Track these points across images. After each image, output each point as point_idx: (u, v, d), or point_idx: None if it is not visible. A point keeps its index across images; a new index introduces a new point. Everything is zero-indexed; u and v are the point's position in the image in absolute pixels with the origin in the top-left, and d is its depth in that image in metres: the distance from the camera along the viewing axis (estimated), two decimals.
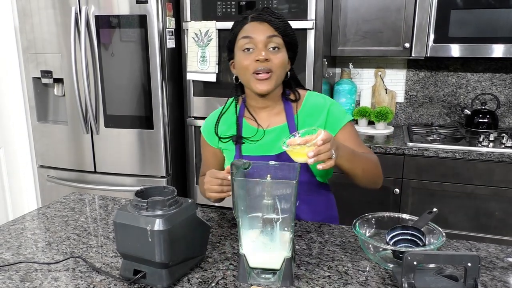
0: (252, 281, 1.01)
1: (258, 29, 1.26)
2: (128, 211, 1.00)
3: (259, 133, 1.37)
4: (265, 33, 1.25)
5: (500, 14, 2.24)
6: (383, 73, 2.87)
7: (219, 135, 1.41)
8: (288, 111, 1.36)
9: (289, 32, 1.29)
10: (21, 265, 1.11)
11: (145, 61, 2.43)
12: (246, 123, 1.40)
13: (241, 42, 1.27)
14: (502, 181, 2.18)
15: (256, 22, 1.27)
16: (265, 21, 1.26)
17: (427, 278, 0.95)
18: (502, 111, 2.70)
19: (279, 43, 1.27)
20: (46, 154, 2.77)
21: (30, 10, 2.56)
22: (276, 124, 1.36)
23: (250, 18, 1.28)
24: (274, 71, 1.26)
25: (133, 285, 1.01)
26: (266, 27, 1.26)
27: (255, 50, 1.26)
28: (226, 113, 1.43)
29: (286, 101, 1.38)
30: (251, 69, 1.26)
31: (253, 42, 1.26)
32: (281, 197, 0.98)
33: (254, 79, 1.27)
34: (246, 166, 1.08)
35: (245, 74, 1.29)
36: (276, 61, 1.26)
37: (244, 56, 1.27)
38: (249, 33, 1.26)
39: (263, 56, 1.24)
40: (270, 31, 1.26)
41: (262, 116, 1.38)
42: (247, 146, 1.37)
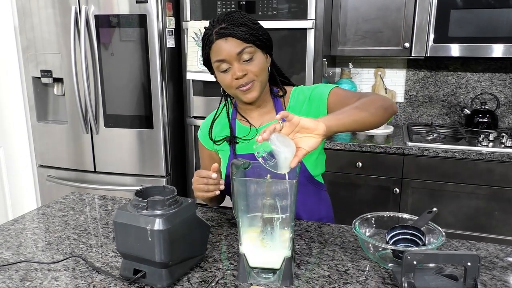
0: (252, 281, 1.02)
1: (226, 48, 1.23)
2: (128, 210, 1.00)
3: (252, 132, 1.39)
4: (234, 50, 1.23)
5: (500, 14, 2.24)
6: (383, 73, 2.87)
7: (213, 138, 1.44)
8: (278, 107, 1.39)
9: (256, 34, 1.26)
10: (21, 265, 1.11)
11: (145, 61, 2.43)
12: (239, 124, 1.42)
13: (216, 65, 1.28)
14: (502, 181, 2.18)
15: (221, 41, 1.24)
16: (229, 36, 1.23)
17: (427, 278, 0.95)
18: (501, 110, 2.70)
19: (251, 51, 1.25)
20: (46, 153, 2.77)
21: (30, 9, 2.56)
22: (268, 121, 1.38)
23: (214, 36, 1.24)
24: (255, 78, 1.27)
25: (133, 284, 1.01)
26: (232, 43, 1.23)
27: (231, 69, 1.26)
28: (219, 118, 1.46)
29: (275, 98, 1.40)
30: (234, 86, 1.28)
31: (226, 62, 1.25)
32: (281, 196, 0.98)
33: (240, 91, 1.28)
34: (246, 165, 1.08)
35: (230, 90, 1.31)
36: (254, 69, 1.26)
37: (223, 76, 1.28)
38: (219, 55, 1.25)
39: (241, 73, 1.24)
40: (238, 45, 1.23)
41: (253, 116, 1.40)
42: (241, 145, 1.39)
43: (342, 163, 2.40)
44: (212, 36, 1.25)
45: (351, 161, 2.39)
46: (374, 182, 2.38)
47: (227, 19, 1.24)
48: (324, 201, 1.48)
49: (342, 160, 2.38)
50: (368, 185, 2.39)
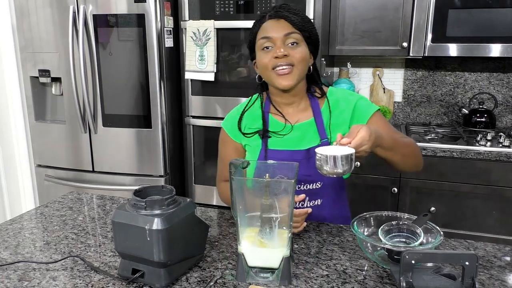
0: (250, 280, 1.02)
1: (275, 27, 1.26)
2: (127, 210, 1.00)
3: (287, 128, 1.36)
4: (282, 30, 1.25)
5: (498, 14, 2.25)
6: (381, 73, 2.88)
7: (242, 130, 1.40)
8: (315, 107, 1.36)
9: (307, 27, 1.28)
10: (19, 265, 1.11)
11: (143, 60, 2.43)
12: (273, 118, 1.38)
13: (260, 42, 1.28)
14: (500, 180, 2.18)
15: (273, 20, 1.27)
16: (282, 18, 1.26)
17: (425, 277, 0.95)
18: (499, 110, 2.71)
19: (297, 38, 1.26)
20: (44, 153, 2.77)
21: (28, 9, 2.55)
22: (303, 120, 1.36)
23: (267, 17, 1.28)
24: (295, 65, 1.26)
25: (131, 284, 1.01)
26: (283, 24, 1.26)
27: (274, 48, 1.26)
28: (250, 108, 1.42)
29: (312, 97, 1.37)
30: (271, 65, 1.26)
31: (271, 41, 1.26)
32: (280, 196, 0.98)
33: (275, 75, 1.27)
34: (245, 165, 1.08)
35: (266, 72, 1.29)
36: (296, 55, 1.25)
37: (263, 54, 1.28)
38: (267, 32, 1.26)
39: (281, 52, 1.24)
40: (288, 27, 1.26)
41: (288, 112, 1.37)
42: (274, 140, 1.36)
43: None
44: (264, 18, 1.29)
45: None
46: (372, 182, 2.38)
47: (284, 6, 1.29)
48: (347, 203, 1.48)
49: None
50: (366, 184, 2.40)
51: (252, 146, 1.38)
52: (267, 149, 1.35)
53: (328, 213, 1.39)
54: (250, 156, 1.39)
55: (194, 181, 2.68)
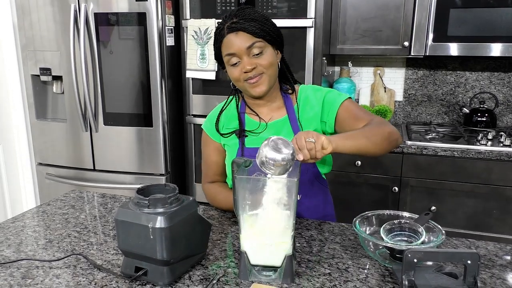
0: (253, 278, 1.02)
1: (236, 42, 1.26)
2: (130, 208, 1.00)
3: (262, 126, 1.39)
4: (244, 44, 1.25)
5: (499, 13, 2.25)
6: (382, 72, 2.88)
7: (220, 131, 1.43)
8: (288, 104, 1.39)
9: (267, 29, 1.27)
10: (22, 262, 1.12)
11: (144, 59, 2.43)
12: (248, 118, 1.42)
13: (226, 59, 1.30)
14: (500, 180, 2.19)
15: (232, 35, 1.26)
16: (240, 30, 1.25)
17: (427, 276, 0.96)
18: (500, 109, 2.71)
19: (261, 46, 1.27)
20: (45, 151, 2.77)
21: (29, 7, 2.55)
22: (277, 118, 1.39)
23: (226, 31, 1.27)
24: (264, 72, 1.29)
25: (134, 282, 1.02)
26: (243, 37, 1.25)
27: (241, 62, 1.28)
28: (226, 109, 1.45)
29: (285, 94, 1.41)
30: (242, 78, 1.30)
31: (236, 56, 1.27)
32: (282, 194, 0.98)
33: (248, 84, 1.30)
34: (247, 164, 1.08)
35: (239, 83, 1.33)
36: (263, 63, 1.27)
37: (232, 69, 1.30)
38: (229, 49, 1.27)
39: (249, 67, 1.26)
40: (248, 39, 1.25)
41: (263, 111, 1.41)
42: (250, 139, 1.39)
43: (341, 162, 2.41)
44: (223, 31, 1.28)
45: (350, 159, 2.39)
46: (373, 181, 2.38)
47: (239, 14, 1.27)
48: (328, 199, 1.49)
49: (342, 158, 2.39)
50: (367, 184, 2.40)
51: (230, 146, 1.42)
52: (244, 148, 1.38)
53: (305, 209, 1.41)
54: (229, 155, 1.42)
55: (194, 180, 2.68)
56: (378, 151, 1.23)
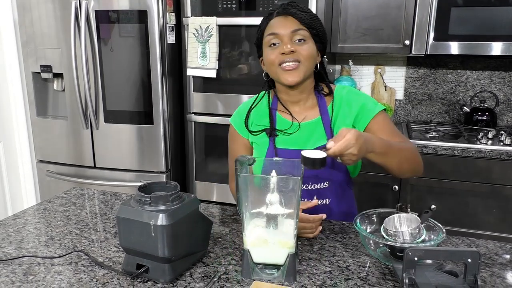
0: (255, 276, 1.02)
1: (283, 24, 1.26)
2: (131, 206, 1.00)
3: (294, 126, 1.35)
4: (290, 27, 1.25)
5: (500, 12, 2.25)
6: (382, 70, 2.88)
7: (249, 128, 1.39)
8: (322, 105, 1.35)
9: (315, 24, 1.28)
10: (24, 259, 1.12)
11: (145, 57, 2.43)
12: (280, 116, 1.38)
13: (267, 39, 1.28)
14: (501, 179, 2.19)
15: (280, 17, 1.27)
16: (290, 15, 1.26)
17: (427, 274, 0.96)
18: (500, 108, 2.71)
19: (305, 35, 1.26)
20: (46, 149, 2.77)
21: (30, 4, 2.55)
22: (310, 118, 1.35)
23: (275, 14, 1.28)
24: (301, 62, 1.26)
25: (135, 279, 1.02)
26: (291, 21, 1.26)
27: (281, 44, 1.26)
28: (257, 105, 1.41)
29: (319, 95, 1.37)
30: (278, 61, 1.26)
31: (278, 37, 1.26)
32: (286, 193, 0.98)
33: (282, 70, 1.27)
34: (251, 162, 1.08)
35: (273, 68, 1.29)
36: (303, 52, 1.25)
37: (270, 51, 1.28)
38: (274, 29, 1.26)
39: (288, 49, 1.24)
40: (295, 24, 1.25)
41: (295, 109, 1.37)
42: (281, 139, 1.35)
43: None
44: (272, 15, 1.28)
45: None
46: (373, 180, 2.38)
47: (292, 4, 1.28)
48: (354, 201, 1.49)
49: None
50: (367, 182, 2.40)
51: (259, 144, 1.38)
52: (275, 148, 1.34)
53: (336, 212, 1.39)
54: (258, 154, 1.39)
55: (195, 178, 2.69)
56: (400, 176, 1.27)
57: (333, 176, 1.35)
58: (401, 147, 1.24)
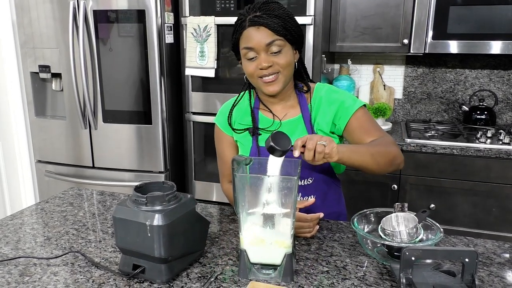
0: (252, 277, 1.02)
1: (256, 37, 1.23)
2: (128, 206, 1.00)
3: (275, 124, 1.36)
4: (264, 40, 1.23)
5: (499, 11, 2.24)
6: (381, 69, 2.87)
7: (232, 126, 1.40)
8: (302, 102, 1.37)
9: (289, 28, 1.25)
10: (20, 260, 1.12)
11: (144, 56, 2.43)
12: (262, 115, 1.39)
13: (243, 52, 1.27)
14: (500, 178, 2.19)
15: (253, 28, 1.23)
16: (262, 26, 1.22)
17: (425, 274, 0.96)
18: (499, 107, 2.71)
19: (280, 44, 1.24)
20: (44, 149, 2.77)
21: (28, 4, 2.55)
22: (291, 116, 1.37)
23: (247, 23, 1.24)
24: (280, 72, 1.26)
25: (132, 280, 1.02)
26: (264, 33, 1.23)
27: (258, 58, 1.25)
28: (239, 104, 1.42)
29: (300, 93, 1.38)
30: (256, 75, 1.27)
31: (254, 51, 1.25)
32: (282, 192, 0.98)
33: (262, 82, 1.28)
34: (248, 161, 1.08)
35: (253, 79, 1.30)
36: (280, 62, 1.25)
37: (248, 63, 1.27)
38: (248, 42, 1.24)
39: (266, 65, 1.24)
40: (269, 36, 1.23)
41: (277, 108, 1.38)
42: (264, 137, 1.36)
43: None
44: (244, 23, 1.25)
45: None
46: (372, 179, 2.38)
47: (263, 8, 1.24)
48: (342, 199, 1.48)
49: None
50: (366, 181, 2.40)
51: (243, 143, 1.40)
52: (259, 146, 1.36)
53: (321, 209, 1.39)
54: (242, 153, 1.40)
55: (194, 177, 2.68)
56: (378, 171, 1.25)
57: (316, 173, 1.36)
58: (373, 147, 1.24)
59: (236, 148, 1.44)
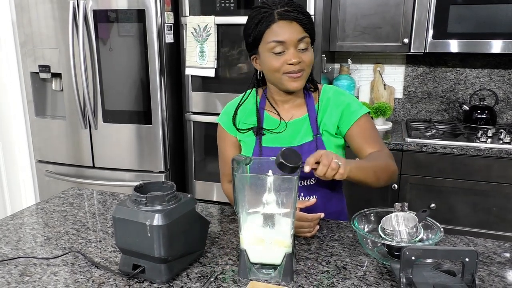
0: (252, 276, 1.02)
1: (288, 31, 1.21)
2: (127, 206, 1.00)
3: (281, 125, 1.36)
4: (295, 36, 1.21)
5: (499, 10, 2.24)
6: (381, 69, 2.87)
7: (237, 126, 1.39)
8: (309, 103, 1.37)
9: (313, 28, 1.27)
10: (20, 260, 1.12)
11: (144, 56, 2.43)
12: (267, 115, 1.38)
13: (271, 45, 1.23)
14: (500, 177, 2.18)
15: (284, 22, 1.21)
16: (294, 20, 1.22)
17: (425, 273, 0.95)
18: (500, 107, 2.71)
19: (308, 42, 1.25)
20: (44, 149, 2.77)
21: (28, 4, 2.55)
22: (297, 116, 1.36)
23: (277, 16, 1.21)
24: (305, 69, 1.26)
25: (132, 279, 1.02)
26: (295, 28, 1.22)
27: (286, 53, 1.23)
28: (244, 104, 1.41)
29: (307, 92, 1.38)
30: (283, 70, 1.25)
31: (283, 46, 1.22)
32: (282, 192, 0.98)
33: (287, 77, 1.26)
34: (248, 161, 1.08)
35: (276, 74, 1.27)
36: (307, 59, 1.25)
37: (274, 58, 1.24)
38: (279, 36, 1.21)
39: (296, 60, 1.22)
40: (300, 32, 1.22)
41: (283, 108, 1.37)
42: (268, 137, 1.36)
43: None
44: (273, 16, 1.22)
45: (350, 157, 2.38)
46: None
47: (291, 4, 1.24)
48: (343, 198, 1.48)
49: None
50: None
51: (246, 142, 1.39)
52: (261, 146, 1.35)
53: (323, 209, 1.39)
54: (245, 152, 1.39)
55: (194, 177, 2.68)
56: (375, 186, 1.26)
57: None
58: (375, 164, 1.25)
59: (239, 148, 1.43)
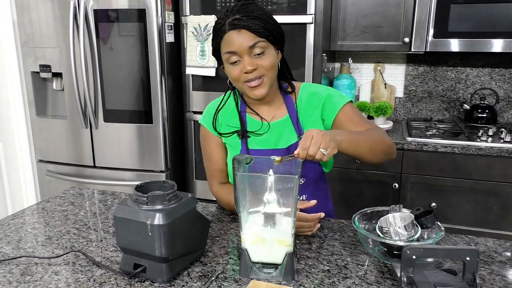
0: (253, 276, 1.02)
1: (238, 41, 1.21)
2: (128, 205, 1.00)
3: (264, 126, 1.36)
4: (246, 43, 1.20)
5: (500, 9, 2.24)
6: (382, 68, 2.87)
7: (219, 129, 1.40)
8: (288, 103, 1.37)
9: (270, 29, 1.23)
10: (22, 259, 1.12)
11: (144, 56, 2.43)
12: (249, 117, 1.38)
13: (226, 56, 1.25)
14: (501, 176, 2.18)
15: (234, 32, 1.21)
16: (243, 28, 1.20)
17: (425, 272, 0.95)
18: (501, 106, 2.70)
19: (263, 46, 1.22)
20: (45, 148, 2.77)
21: (28, 4, 2.55)
22: (279, 117, 1.36)
23: (227, 27, 1.21)
24: (265, 74, 1.25)
25: (133, 279, 1.02)
26: (245, 36, 1.20)
27: (241, 61, 1.23)
28: (225, 106, 1.41)
29: (285, 94, 1.38)
30: (242, 79, 1.25)
31: (237, 55, 1.23)
32: (283, 192, 0.98)
33: (247, 87, 1.26)
34: (248, 161, 1.08)
35: (238, 84, 1.28)
36: (265, 64, 1.23)
37: (232, 68, 1.25)
38: (230, 46, 1.22)
39: (250, 68, 1.22)
40: (251, 38, 1.21)
41: (264, 110, 1.37)
42: (253, 140, 1.36)
43: (341, 159, 2.39)
44: (224, 27, 1.22)
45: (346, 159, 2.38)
46: (373, 178, 2.38)
47: (242, 10, 1.21)
48: (329, 196, 1.48)
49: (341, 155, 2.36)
50: (367, 180, 2.40)
51: (232, 145, 1.38)
52: (248, 149, 1.34)
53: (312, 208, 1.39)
54: (231, 155, 1.38)
55: (195, 177, 2.68)
56: (374, 161, 1.26)
57: (308, 173, 1.36)
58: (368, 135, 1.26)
59: (225, 148, 1.42)
